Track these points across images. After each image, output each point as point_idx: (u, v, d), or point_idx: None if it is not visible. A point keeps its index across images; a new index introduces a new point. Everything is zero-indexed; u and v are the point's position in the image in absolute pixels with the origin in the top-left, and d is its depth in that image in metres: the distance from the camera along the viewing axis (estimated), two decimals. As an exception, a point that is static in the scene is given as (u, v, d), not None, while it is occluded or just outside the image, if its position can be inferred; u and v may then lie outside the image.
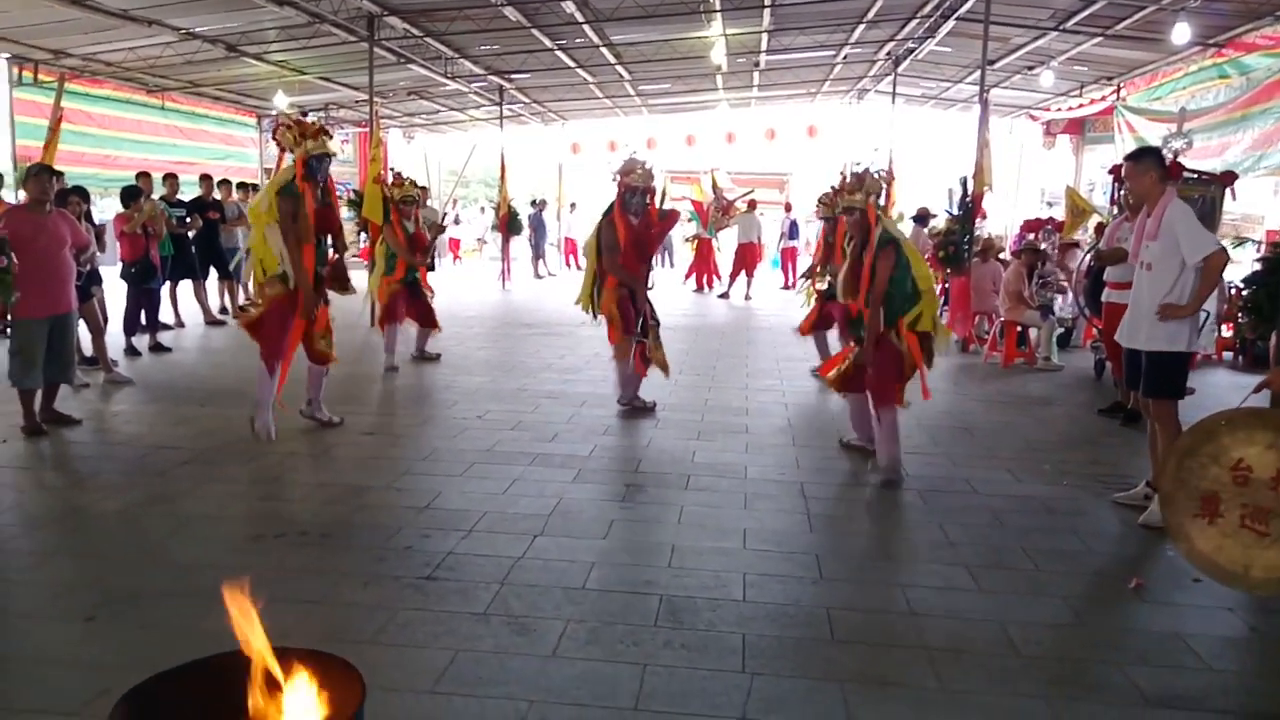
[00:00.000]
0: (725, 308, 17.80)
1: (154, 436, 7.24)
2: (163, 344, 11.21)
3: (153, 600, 4.30)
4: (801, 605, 4.34)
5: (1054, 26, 14.87)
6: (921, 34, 17.46)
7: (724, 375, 10.17)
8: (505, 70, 19.41)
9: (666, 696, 3.49)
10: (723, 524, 5.43)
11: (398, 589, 4.45)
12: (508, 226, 21.71)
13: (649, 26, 16.27)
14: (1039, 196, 23.01)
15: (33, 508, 5.70)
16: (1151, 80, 16.56)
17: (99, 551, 4.94)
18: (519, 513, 5.54)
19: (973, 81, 18.70)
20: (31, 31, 13.23)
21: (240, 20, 14.07)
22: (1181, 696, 3.62)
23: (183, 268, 12.74)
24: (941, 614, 4.27)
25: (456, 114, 24.56)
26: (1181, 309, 5.38)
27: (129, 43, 14.44)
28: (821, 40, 18.33)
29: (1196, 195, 9.75)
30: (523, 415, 8.00)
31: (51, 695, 3.44)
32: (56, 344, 7.20)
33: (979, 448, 7.32)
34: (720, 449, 7.11)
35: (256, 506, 5.64)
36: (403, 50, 16.58)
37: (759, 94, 24.83)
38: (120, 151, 16.99)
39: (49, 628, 4.04)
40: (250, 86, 18.91)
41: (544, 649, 3.85)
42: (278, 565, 4.74)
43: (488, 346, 12.06)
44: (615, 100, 24.23)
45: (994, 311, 11.97)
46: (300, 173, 6.92)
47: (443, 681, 3.57)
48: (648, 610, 4.24)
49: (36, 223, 7.07)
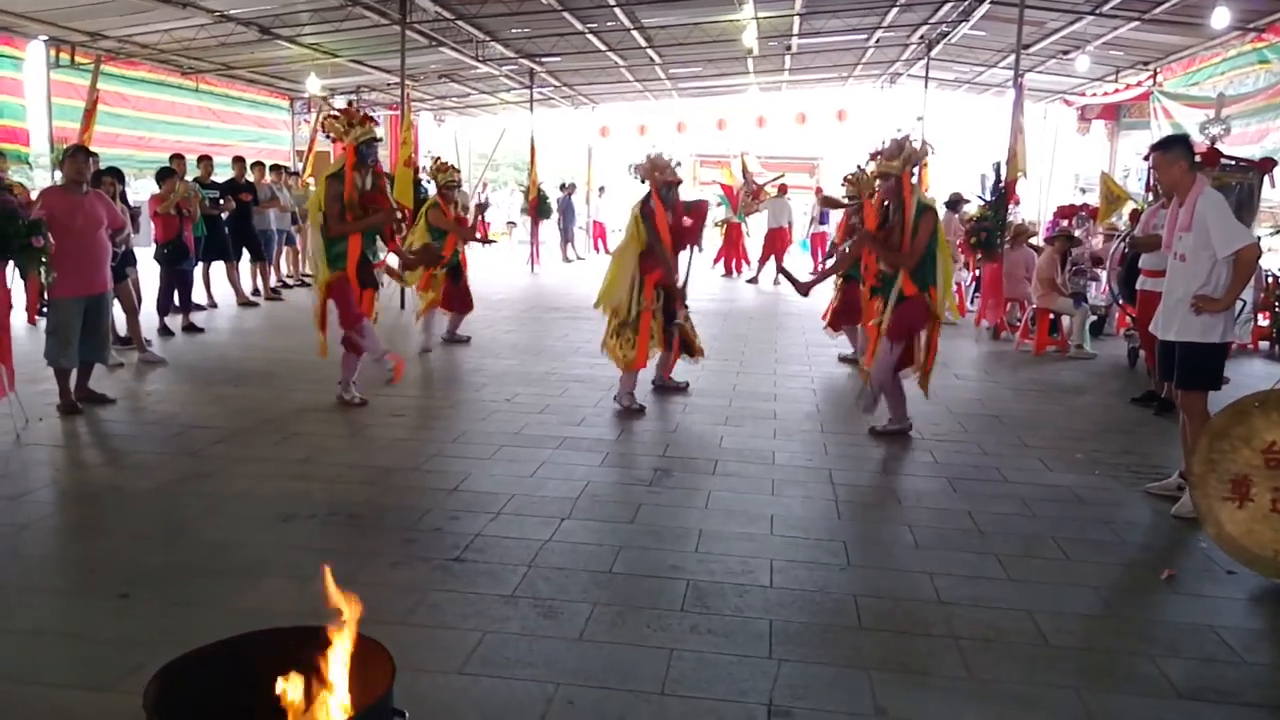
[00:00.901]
0: (754, 293, 17.77)
1: (187, 416, 7.31)
2: (196, 324, 11.31)
3: (185, 577, 4.34)
4: (829, 592, 4.34)
5: (1090, 10, 14.68)
6: (955, 17, 17.28)
7: (752, 360, 10.16)
8: (536, 53, 19.38)
9: (693, 681, 3.50)
10: (750, 509, 5.43)
11: (427, 570, 4.47)
12: (537, 210, 21.73)
13: (680, 9, 16.21)
14: (1073, 182, 22.79)
15: (67, 485, 5.77)
16: (1189, 65, 16.34)
17: (132, 529, 5.00)
18: (547, 496, 5.56)
19: (1007, 66, 18.48)
20: (69, 14, 13.30)
21: (274, 3, 14.11)
22: (1213, 689, 3.59)
23: (216, 249, 12.84)
24: (970, 603, 4.25)
25: (487, 97, 24.56)
26: (1216, 302, 5.29)
27: (164, 25, 14.49)
28: (854, 24, 18.19)
29: (1234, 182, 9.63)
30: (551, 399, 8.03)
31: (86, 670, 3.49)
32: (92, 323, 7.28)
33: (1010, 436, 7.27)
34: (748, 434, 7.11)
35: (287, 486, 5.69)
36: (434, 33, 16.59)
37: (790, 78, 24.67)
38: (155, 133, 17.08)
39: (83, 604, 4.09)
40: (283, 69, 18.96)
41: (571, 632, 3.87)
42: (308, 545, 4.78)
43: (516, 330, 12.09)
44: (645, 84, 24.15)
45: (1026, 298, 11.87)
46: (351, 160, 7.28)
47: (471, 662, 3.59)
48: (674, 595, 4.25)
49: (73, 203, 7.14)
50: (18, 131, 13.51)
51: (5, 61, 13.58)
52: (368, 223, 7.36)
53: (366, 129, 7.30)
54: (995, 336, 12.31)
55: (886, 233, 7.01)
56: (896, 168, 6.74)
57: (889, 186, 6.87)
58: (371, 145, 7.36)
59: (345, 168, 7.30)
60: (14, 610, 4.03)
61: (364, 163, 7.34)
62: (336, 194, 7.26)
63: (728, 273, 20.43)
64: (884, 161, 6.83)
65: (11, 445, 6.37)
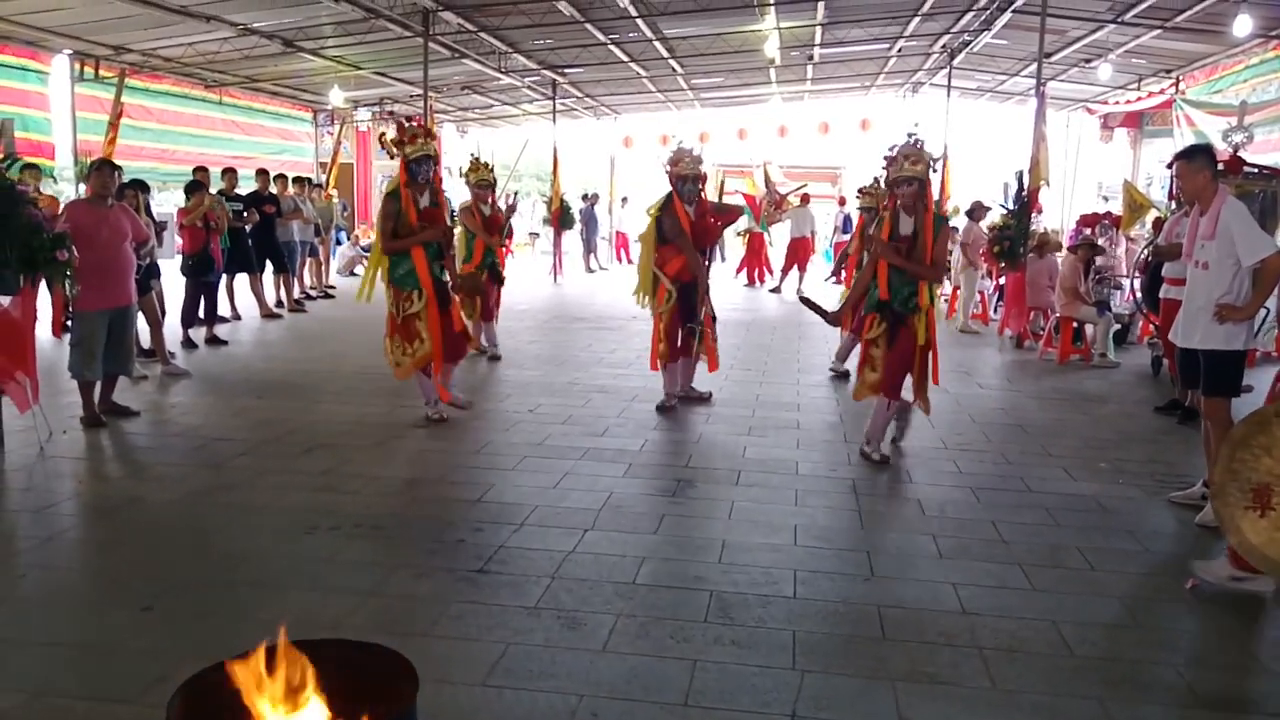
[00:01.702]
0: (777, 302, 17.74)
1: (210, 428, 7.34)
2: (220, 337, 11.36)
3: (209, 590, 4.36)
4: (852, 603, 4.32)
5: (1112, 19, 14.64)
6: (977, 26, 17.25)
7: (775, 370, 10.14)
8: (558, 64, 19.44)
9: (716, 693, 3.49)
10: (773, 520, 5.41)
11: (450, 581, 4.48)
12: (560, 220, 21.77)
13: (702, 20, 16.24)
14: (1095, 190, 22.69)
15: (91, 498, 5.80)
16: (1211, 73, 16.26)
17: (156, 541, 5.02)
18: (570, 507, 5.56)
19: (1029, 74, 18.46)
20: (93, 28, 13.44)
21: (297, 15, 14.22)
22: (1238, 699, 3.56)
23: (239, 261, 12.90)
24: (994, 613, 4.23)
25: (509, 108, 24.66)
26: (1239, 311, 5.26)
27: (188, 38, 14.62)
28: (876, 33, 18.19)
29: (1258, 190, 9.58)
30: (574, 409, 8.03)
31: (110, 682, 3.50)
32: (116, 336, 7.33)
33: (1033, 445, 7.23)
34: (771, 444, 7.09)
35: (311, 498, 5.70)
36: (457, 45, 16.67)
37: (812, 87, 24.66)
38: (179, 146, 17.23)
39: (107, 616, 4.10)
40: (306, 81, 19.10)
41: (595, 643, 3.86)
42: (332, 557, 4.80)
43: (539, 340, 12.10)
44: (667, 94, 24.19)
45: (1049, 307, 11.82)
46: (403, 178, 7.18)
47: (494, 674, 3.59)
48: (698, 606, 4.24)
49: (98, 216, 7.20)
50: (43, 145, 13.66)
51: (31, 76, 13.75)
52: (419, 238, 7.17)
53: (416, 145, 7.16)
54: (1018, 345, 12.25)
55: (903, 244, 6.50)
56: (922, 171, 6.39)
57: (911, 192, 6.39)
58: (423, 162, 7.17)
59: (399, 186, 7.22)
60: (38, 622, 4.05)
61: (415, 180, 7.17)
62: (390, 212, 7.18)
63: (750, 282, 20.41)
64: (908, 165, 6.39)
65: (36, 458, 6.41)
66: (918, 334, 6.48)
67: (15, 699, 3.38)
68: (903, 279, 6.44)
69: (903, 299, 6.47)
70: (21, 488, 5.89)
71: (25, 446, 6.57)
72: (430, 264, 7.25)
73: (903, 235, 6.46)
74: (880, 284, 6.52)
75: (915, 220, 6.43)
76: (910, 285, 6.45)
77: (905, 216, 6.47)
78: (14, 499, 5.74)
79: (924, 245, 6.38)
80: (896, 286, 6.47)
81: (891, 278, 6.47)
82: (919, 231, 6.41)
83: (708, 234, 8.00)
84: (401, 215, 7.13)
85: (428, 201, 7.29)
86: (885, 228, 6.58)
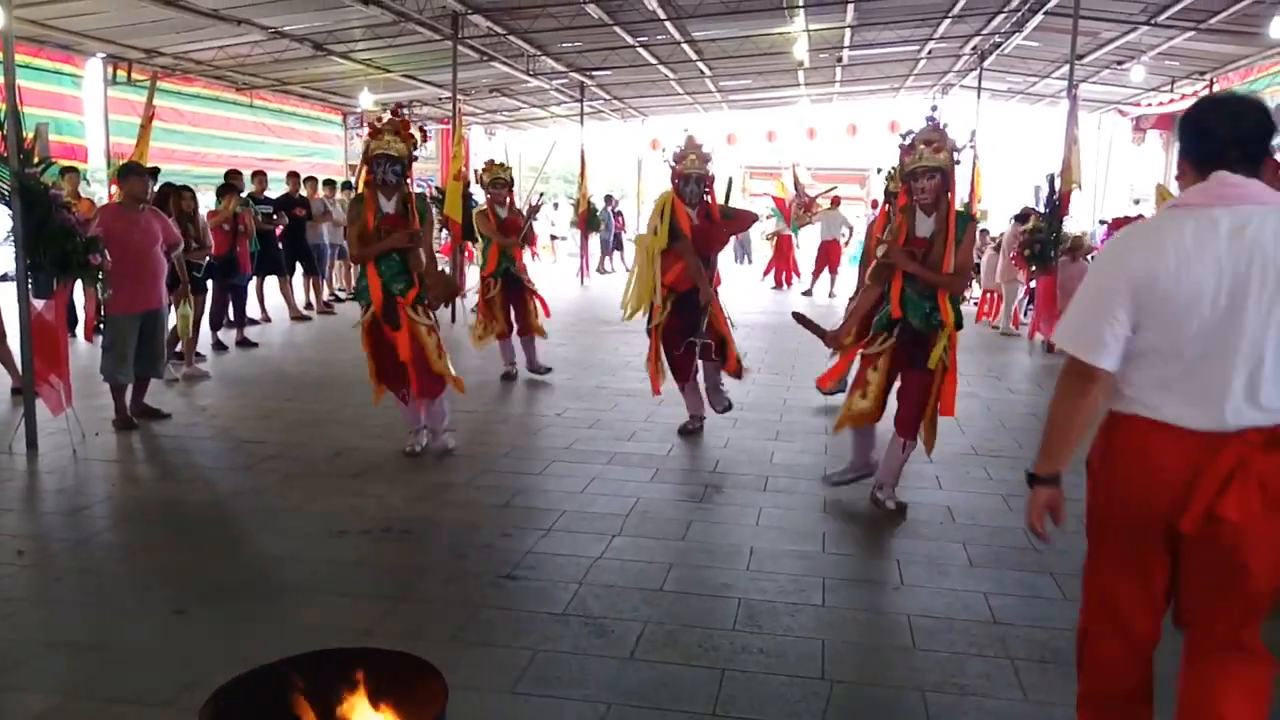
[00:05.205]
0: (806, 305, 17.66)
1: (241, 430, 7.38)
2: (249, 339, 11.43)
3: (239, 593, 4.38)
4: (882, 611, 4.30)
5: (1145, 21, 14.51)
6: (1008, 28, 17.14)
7: (803, 374, 10.07)
8: (586, 67, 19.46)
9: (745, 702, 3.47)
10: (801, 527, 5.39)
11: (478, 587, 4.48)
12: (587, 223, 21.78)
13: (731, 23, 16.20)
14: (1127, 194, 22.50)
15: (123, 500, 5.85)
16: (1246, 75, 16.09)
17: (188, 544, 5.05)
18: (597, 512, 5.56)
19: (1060, 76, 18.33)
20: (126, 31, 13.56)
21: (327, 19, 14.28)
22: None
23: (269, 264, 12.97)
24: (1026, 623, 4.19)
25: (537, 111, 24.70)
26: None
27: (219, 41, 14.72)
28: (906, 35, 18.11)
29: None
30: (601, 413, 8.02)
31: (144, 686, 3.52)
32: (147, 339, 7.39)
33: (1065, 452, 7.14)
34: (799, 450, 7.06)
35: (341, 502, 5.72)
36: (485, 48, 16.70)
37: (841, 89, 24.58)
38: (210, 148, 17.33)
39: (140, 620, 4.13)
40: (336, 85, 19.18)
41: (622, 651, 3.85)
42: (361, 561, 4.81)
43: (566, 343, 12.09)
44: (695, 96, 24.16)
45: (1081, 312, 11.70)
46: (367, 177, 6.47)
47: (523, 682, 3.59)
48: (726, 614, 4.22)
49: (130, 220, 7.26)
50: (77, 148, 13.78)
51: (65, 79, 13.87)
52: (379, 247, 6.34)
53: (380, 142, 6.33)
54: (1049, 350, 12.14)
55: (919, 247, 5.42)
56: (945, 160, 5.27)
57: (933, 186, 5.28)
58: (382, 161, 6.32)
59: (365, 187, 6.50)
60: (70, 625, 4.08)
61: (382, 181, 6.35)
62: (353, 216, 6.53)
63: (778, 285, 20.34)
64: (928, 153, 5.26)
65: (69, 460, 6.47)
66: (935, 356, 5.40)
67: (50, 701, 3.41)
68: (919, 290, 5.41)
69: (923, 315, 5.41)
70: (55, 490, 5.95)
71: (58, 449, 6.64)
72: (388, 279, 6.41)
73: (919, 237, 5.41)
74: (893, 298, 5.49)
75: (936, 219, 5.36)
76: (930, 299, 5.40)
77: (924, 215, 5.40)
78: (48, 501, 5.80)
79: (944, 249, 5.31)
80: (914, 300, 5.42)
81: (906, 289, 5.46)
82: (939, 233, 5.34)
83: (711, 240, 7.22)
84: (362, 220, 6.42)
85: (394, 208, 6.44)
86: (902, 231, 5.48)
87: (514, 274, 9.50)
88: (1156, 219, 2.75)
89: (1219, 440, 2.49)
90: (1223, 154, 2.54)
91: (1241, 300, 2.42)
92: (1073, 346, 2.67)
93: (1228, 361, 2.46)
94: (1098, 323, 2.60)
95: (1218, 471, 2.48)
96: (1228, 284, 2.43)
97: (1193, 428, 2.51)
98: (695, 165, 7.04)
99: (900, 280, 5.45)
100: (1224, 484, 2.47)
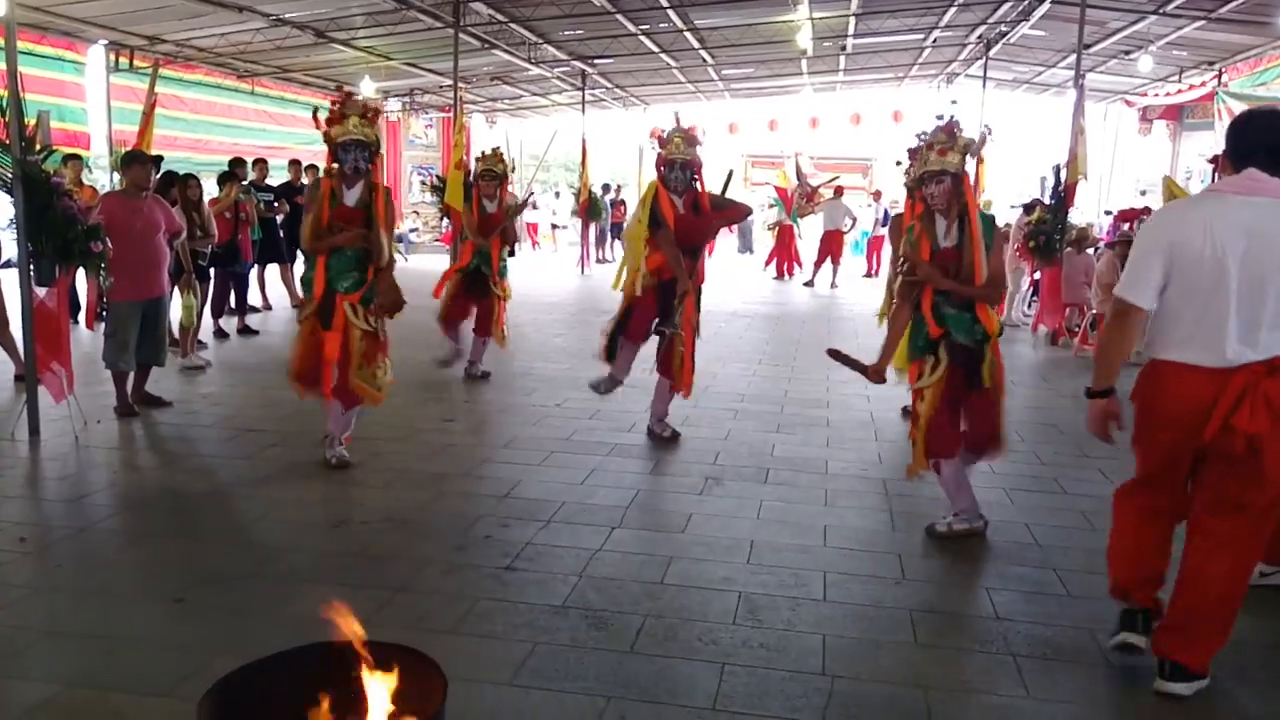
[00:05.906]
0: (808, 296, 17.65)
1: (242, 419, 7.37)
2: (251, 327, 11.42)
3: (240, 582, 4.37)
4: (884, 606, 4.28)
5: (1154, 10, 14.42)
6: (1015, 17, 17.08)
7: (804, 366, 10.06)
8: (588, 55, 19.43)
9: (745, 697, 3.46)
10: (802, 520, 5.37)
11: (477, 578, 4.47)
12: (588, 212, 21.73)
13: (734, 10, 16.17)
14: (1133, 185, 22.42)
15: (125, 488, 5.83)
16: (1256, 65, 15.99)
17: (189, 533, 5.04)
18: (597, 504, 5.54)
19: (1067, 66, 18.24)
20: (128, 18, 13.55)
21: (329, 6, 14.27)
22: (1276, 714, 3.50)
23: (270, 251, 12.93)
24: (1029, 619, 4.17)
25: (539, 99, 24.66)
26: None
27: (221, 29, 14.71)
28: (910, 24, 18.02)
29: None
30: (601, 404, 7.98)
31: (144, 676, 3.52)
32: (149, 327, 7.36)
33: (1068, 446, 7.14)
34: (800, 442, 7.04)
35: (341, 491, 5.72)
36: (487, 36, 16.68)
37: (844, 78, 24.51)
38: (212, 136, 17.32)
39: (140, 608, 4.13)
40: (338, 72, 19.14)
41: (622, 644, 3.84)
42: (361, 551, 4.80)
43: (566, 333, 12.08)
44: (698, 84, 24.11)
45: (1086, 304, 11.70)
46: (329, 165, 6.11)
47: (521, 674, 3.58)
48: (726, 607, 4.21)
49: (132, 208, 7.23)
50: (79, 135, 13.77)
51: (68, 66, 13.85)
52: (330, 242, 5.87)
53: (344, 127, 5.92)
54: (1053, 342, 12.14)
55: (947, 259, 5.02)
56: (956, 163, 4.92)
57: (944, 190, 4.91)
58: (350, 148, 5.92)
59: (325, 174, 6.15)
60: (71, 613, 4.07)
61: (353, 169, 5.94)
62: (308, 204, 6.13)
63: (779, 275, 20.30)
64: (934, 157, 4.93)
65: (70, 448, 6.46)
66: (986, 373, 5.06)
67: (48, 690, 3.40)
68: (954, 302, 5.00)
69: (966, 327, 4.99)
70: (57, 477, 5.94)
71: (60, 435, 6.63)
72: (333, 274, 5.93)
73: (945, 248, 5.01)
74: (926, 315, 5.08)
75: (957, 227, 4.99)
76: (969, 309, 4.99)
77: (943, 221, 5.01)
78: (50, 489, 5.79)
79: (974, 258, 4.93)
80: (952, 315, 5.00)
81: (940, 303, 5.04)
82: (966, 241, 4.96)
83: (694, 230, 6.70)
84: (317, 211, 5.94)
85: (355, 199, 5.97)
86: (924, 244, 5.04)
87: (485, 276, 8.94)
88: (1194, 198, 3.84)
89: (1228, 373, 3.32)
90: (1254, 155, 3.34)
91: (1249, 268, 3.24)
92: (1121, 290, 3.51)
93: (1227, 313, 3.28)
94: (1141, 274, 3.45)
95: (1231, 393, 3.29)
96: (1238, 254, 3.24)
97: (1207, 365, 3.36)
98: (680, 150, 6.56)
99: (931, 294, 5.05)
100: (1236, 402, 3.28)
